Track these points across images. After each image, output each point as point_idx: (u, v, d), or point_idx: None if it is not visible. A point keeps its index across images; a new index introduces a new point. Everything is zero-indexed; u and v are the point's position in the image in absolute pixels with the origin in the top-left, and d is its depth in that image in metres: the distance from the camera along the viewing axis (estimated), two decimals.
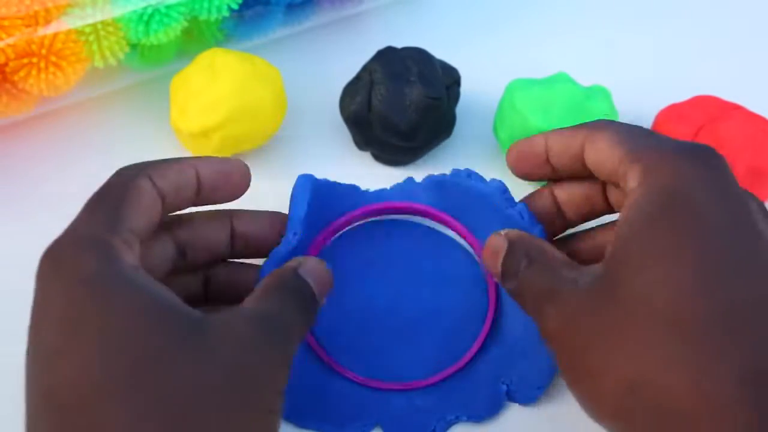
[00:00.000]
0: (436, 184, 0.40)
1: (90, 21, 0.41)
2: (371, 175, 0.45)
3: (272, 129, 0.44)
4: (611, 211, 0.37)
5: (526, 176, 0.37)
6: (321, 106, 0.47)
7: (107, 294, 0.27)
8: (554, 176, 0.37)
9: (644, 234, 0.29)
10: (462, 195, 0.39)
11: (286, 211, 0.38)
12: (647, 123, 0.46)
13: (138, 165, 0.32)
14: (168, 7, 0.42)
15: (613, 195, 0.36)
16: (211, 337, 0.28)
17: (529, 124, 0.42)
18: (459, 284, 0.40)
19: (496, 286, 0.39)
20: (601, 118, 0.37)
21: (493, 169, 0.43)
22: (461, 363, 0.38)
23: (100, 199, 0.31)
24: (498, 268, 0.34)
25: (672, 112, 0.44)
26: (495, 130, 0.45)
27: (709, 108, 0.43)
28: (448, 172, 0.39)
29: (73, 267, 0.28)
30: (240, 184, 0.35)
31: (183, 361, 0.27)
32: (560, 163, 0.36)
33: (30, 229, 0.42)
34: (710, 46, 0.53)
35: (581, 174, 0.35)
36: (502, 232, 0.34)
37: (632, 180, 0.31)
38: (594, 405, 0.30)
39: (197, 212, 0.35)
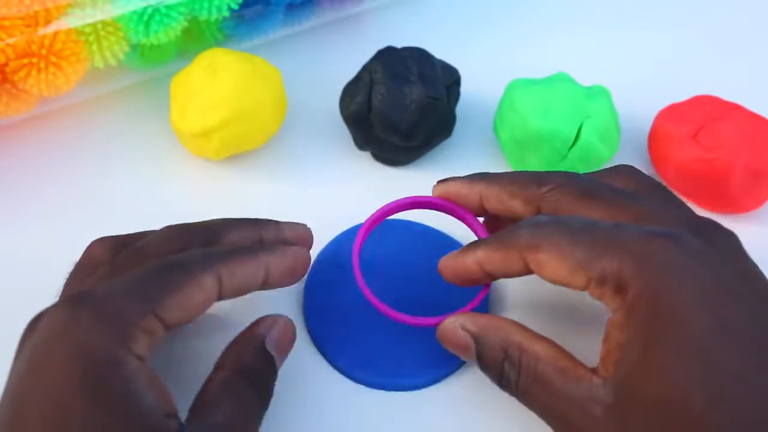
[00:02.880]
0: None
1: (90, 21, 0.41)
2: (371, 175, 0.45)
3: (272, 129, 0.44)
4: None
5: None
6: (321, 106, 0.47)
7: (99, 396, 0.27)
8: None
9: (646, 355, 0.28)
10: None
11: (284, 216, 0.38)
12: (647, 123, 0.46)
13: (211, 255, 0.31)
14: (168, 7, 0.42)
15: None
16: None
17: (528, 124, 0.42)
18: None
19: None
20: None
21: (493, 169, 0.43)
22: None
23: (155, 278, 0.30)
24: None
25: (672, 112, 0.44)
26: (495, 130, 0.45)
27: (708, 108, 0.43)
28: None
29: (81, 342, 0.28)
30: (301, 275, 0.34)
31: None
32: (500, 275, 0.33)
33: (29, 229, 0.42)
34: (710, 46, 0.53)
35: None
36: (457, 322, 0.33)
37: (610, 302, 0.30)
38: None
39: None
